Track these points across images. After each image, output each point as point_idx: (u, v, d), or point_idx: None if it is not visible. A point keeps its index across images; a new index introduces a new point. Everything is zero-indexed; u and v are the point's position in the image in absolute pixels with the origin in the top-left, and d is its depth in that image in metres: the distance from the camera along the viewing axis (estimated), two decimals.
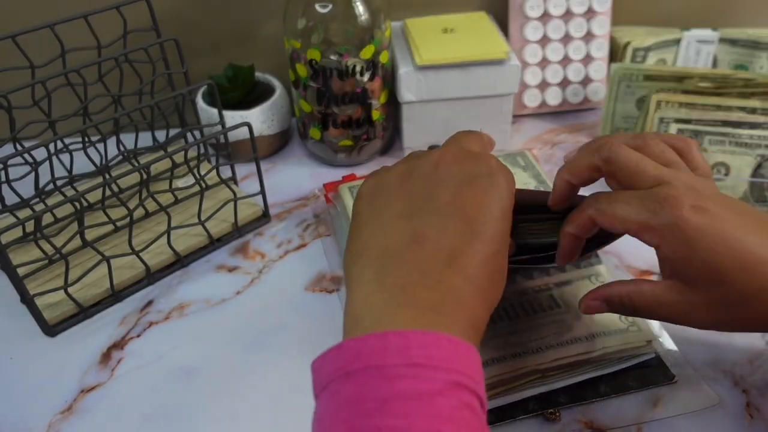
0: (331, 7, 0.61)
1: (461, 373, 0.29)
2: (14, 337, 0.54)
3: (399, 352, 0.29)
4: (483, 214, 0.35)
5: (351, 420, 0.28)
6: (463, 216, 0.35)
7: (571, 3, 0.74)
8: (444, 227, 0.35)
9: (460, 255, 0.34)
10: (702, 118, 0.61)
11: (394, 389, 0.28)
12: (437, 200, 0.36)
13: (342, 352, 0.31)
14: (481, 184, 0.37)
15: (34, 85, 0.57)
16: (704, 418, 0.45)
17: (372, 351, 0.30)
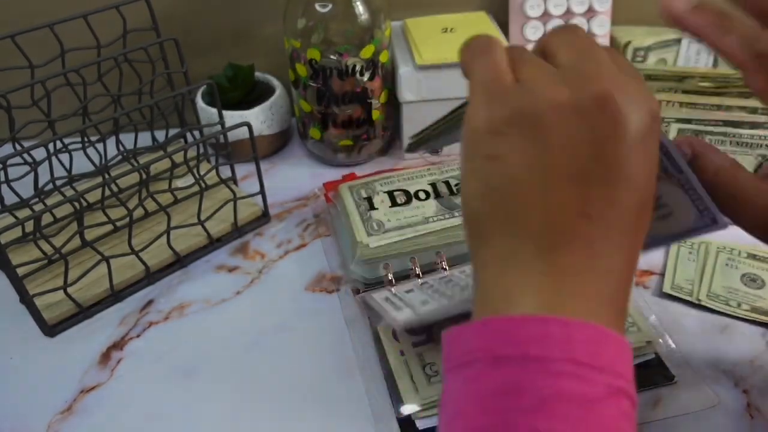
0: (331, 6, 0.61)
1: (623, 378, 0.27)
2: (14, 337, 0.54)
3: (562, 344, 0.26)
4: (651, 187, 0.29)
5: (500, 413, 0.25)
6: (636, 188, 0.28)
7: (571, 3, 0.74)
8: (615, 201, 0.28)
9: (633, 239, 0.29)
10: (703, 117, 0.61)
11: (557, 388, 0.25)
12: (607, 161, 0.28)
13: (492, 332, 0.27)
14: (650, 144, 0.29)
15: (34, 85, 0.57)
16: (705, 419, 0.45)
17: (531, 338, 0.26)
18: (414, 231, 0.56)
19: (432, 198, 0.59)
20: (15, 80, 0.56)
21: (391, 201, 0.58)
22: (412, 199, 0.59)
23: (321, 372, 0.50)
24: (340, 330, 0.53)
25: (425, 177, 0.61)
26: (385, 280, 0.54)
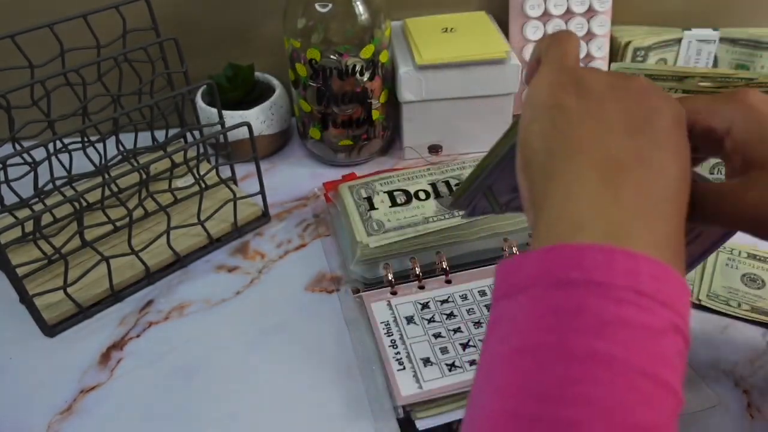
0: (331, 6, 0.61)
1: (683, 318, 0.27)
2: (14, 337, 0.54)
3: (627, 274, 0.26)
4: (687, 171, 0.32)
5: (560, 331, 0.25)
6: (678, 160, 0.31)
7: (571, 2, 0.74)
8: (664, 164, 0.30)
9: (680, 193, 0.30)
10: None
11: (620, 314, 0.25)
12: (654, 128, 0.31)
13: (556, 257, 0.27)
14: (682, 134, 0.32)
15: (34, 85, 0.57)
16: (705, 419, 0.45)
17: (596, 264, 0.26)
18: (414, 231, 0.56)
19: (432, 198, 0.59)
20: (15, 80, 0.56)
21: (391, 201, 0.58)
22: (412, 199, 0.59)
23: (321, 372, 0.50)
24: (340, 330, 0.53)
25: (425, 177, 0.61)
26: (385, 280, 0.54)
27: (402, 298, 0.53)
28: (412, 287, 0.54)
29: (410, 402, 0.45)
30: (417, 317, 0.51)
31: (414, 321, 0.51)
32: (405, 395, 0.45)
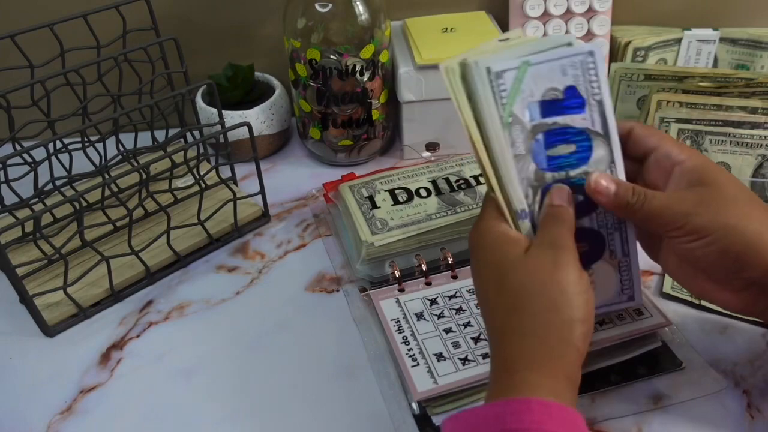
0: (331, 6, 0.61)
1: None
2: (14, 337, 0.54)
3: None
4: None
5: None
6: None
7: (571, 2, 0.73)
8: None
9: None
10: (703, 117, 0.61)
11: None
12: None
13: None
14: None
15: (33, 85, 0.57)
16: (705, 419, 0.45)
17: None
18: (417, 228, 0.56)
19: (433, 195, 0.59)
20: (15, 80, 0.56)
21: (393, 199, 0.59)
22: (413, 197, 0.59)
23: (321, 372, 0.50)
24: (341, 329, 0.53)
25: (425, 174, 0.61)
26: (391, 277, 0.54)
27: (410, 295, 0.53)
28: (419, 284, 0.54)
29: (427, 397, 0.45)
30: (426, 313, 0.51)
31: (424, 317, 0.51)
32: (421, 391, 0.45)
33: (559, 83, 0.40)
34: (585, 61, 0.41)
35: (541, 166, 0.41)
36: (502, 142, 0.40)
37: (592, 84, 0.41)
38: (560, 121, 0.41)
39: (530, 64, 0.40)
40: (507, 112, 0.40)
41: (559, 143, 0.41)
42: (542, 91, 0.40)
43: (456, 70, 0.39)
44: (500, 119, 0.40)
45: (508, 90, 0.40)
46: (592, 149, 0.41)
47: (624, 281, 0.44)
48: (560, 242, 0.38)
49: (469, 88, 0.40)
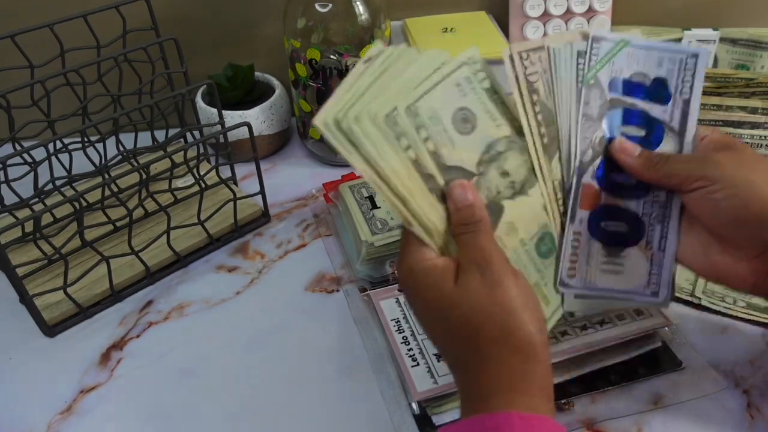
0: (331, 6, 0.61)
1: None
2: (14, 337, 0.54)
3: None
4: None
5: None
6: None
7: (571, 2, 0.74)
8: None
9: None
10: (702, 117, 0.61)
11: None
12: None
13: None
14: None
15: (34, 85, 0.57)
16: (705, 419, 0.45)
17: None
18: None
19: None
20: (15, 80, 0.56)
21: None
22: None
23: (322, 371, 0.50)
24: (341, 329, 0.53)
25: None
26: (391, 277, 0.54)
27: None
28: None
29: (426, 397, 0.45)
30: None
31: None
32: (421, 391, 0.46)
33: (650, 71, 0.42)
34: (685, 60, 0.42)
35: (610, 136, 0.42)
36: (572, 99, 0.41)
37: (685, 83, 0.42)
38: (639, 105, 0.42)
39: (628, 43, 0.41)
40: (591, 74, 0.41)
41: (635, 124, 0.42)
42: (631, 72, 0.42)
43: (331, 124, 0.38)
44: (578, 78, 0.41)
45: (599, 57, 0.41)
46: (661, 141, 0.42)
47: (653, 275, 0.43)
48: (482, 257, 0.36)
49: (357, 139, 0.38)
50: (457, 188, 0.38)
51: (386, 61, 0.39)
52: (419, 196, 0.37)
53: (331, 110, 0.37)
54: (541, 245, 0.41)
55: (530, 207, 0.41)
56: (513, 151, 0.40)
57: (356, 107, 0.37)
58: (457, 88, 0.40)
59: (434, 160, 0.38)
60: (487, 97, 0.40)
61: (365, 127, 0.37)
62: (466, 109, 0.40)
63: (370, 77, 0.38)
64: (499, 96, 0.41)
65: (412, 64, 0.39)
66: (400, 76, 0.39)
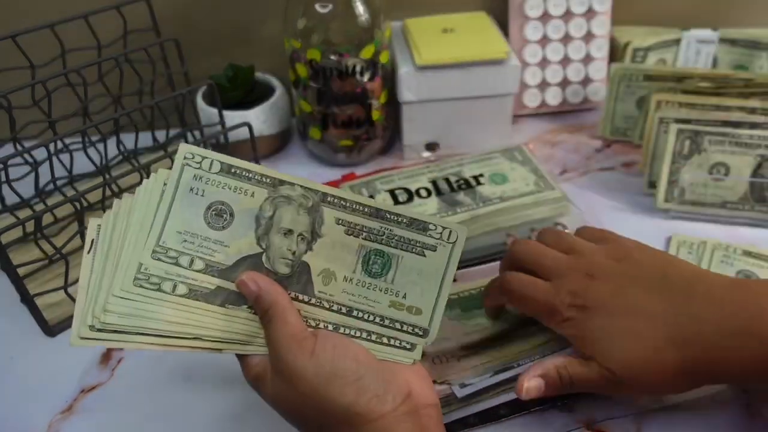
0: (331, 7, 0.61)
1: None
2: (14, 337, 0.54)
3: None
4: None
5: None
6: None
7: (571, 3, 0.74)
8: None
9: None
10: (702, 118, 0.61)
11: None
12: None
13: None
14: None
15: (34, 85, 0.57)
16: (705, 419, 0.45)
17: None
18: None
19: (434, 195, 0.59)
20: (16, 80, 0.56)
21: (393, 199, 0.59)
22: (413, 197, 0.59)
23: None
24: None
25: (425, 174, 0.61)
26: None
27: None
28: None
29: None
30: None
31: None
32: None
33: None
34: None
35: None
36: None
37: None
38: None
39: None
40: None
41: None
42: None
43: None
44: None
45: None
46: None
47: None
48: (274, 354, 0.37)
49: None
50: (241, 286, 0.37)
51: (106, 234, 0.38)
52: (211, 320, 0.37)
53: (79, 323, 0.36)
54: (370, 267, 0.39)
55: (333, 244, 0.39)
56: (281, 208, 0.38)
57: (100, 299, 0.36)
58: (192, 192, 0.38)
59: (212, 274, 0.37)
60: (223, 178, 0.38)
61: (117, 308, 0.36)
62: (213, 205, 0.38)
63: (99, 263, 0.37)
64: (236, 167, 0.38)
65: (132, 214, 0.38)
66: (127, 236, 0.37)
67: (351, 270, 0.39)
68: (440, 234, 0.40)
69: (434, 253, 0.39)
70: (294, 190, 0.38)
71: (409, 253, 0.39)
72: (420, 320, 0.39)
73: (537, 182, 0.60)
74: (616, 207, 0.64)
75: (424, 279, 0.39)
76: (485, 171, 0.61)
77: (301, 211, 0.39)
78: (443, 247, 0.40)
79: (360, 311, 0.39)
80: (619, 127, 0.72)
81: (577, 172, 0.69)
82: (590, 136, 0.75)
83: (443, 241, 0.40)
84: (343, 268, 0.39)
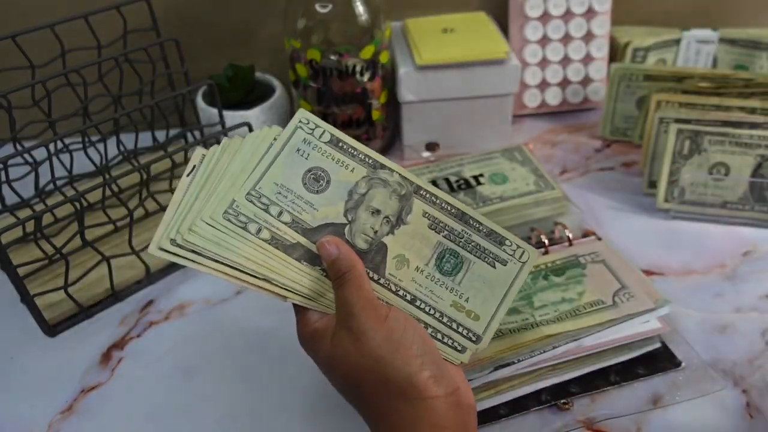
0: (331, 7, 0.61)
1: None
2: (15, 337, 0.54)
3: None
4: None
5: None
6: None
7: (571, 3, 0.74)
8: None
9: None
10: (702, 118, 0.61)
11: None
12: None
13: None
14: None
15: (34, 85, 0.57)
16: (704, 419, 0.45)
17: None
18: None
19: None
20: (16, 80, 0.56)
21: None
22: None
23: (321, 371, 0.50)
24: None
25: (425, 174, 0.61)
26: None
27: None
28: None
29: None
30: None
31: None
32: None
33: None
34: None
35: None
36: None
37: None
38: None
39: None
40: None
41: None
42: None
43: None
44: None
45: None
46: None
47: None
48: (346, 311, 0.37)
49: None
50: (322, 248, 0.38)
51: (208, 165, 0.40)
52: (284, 269, 0.38)
53: (163, 233, 0.38)
54: (443, 264, 0.40)
55: (415, 233, 0.40)
56: (375, 188, 0.40)
57: (188, 219, 0.38)
58: (298, 153, 0.40)
59: (295, 230, 0.39)
60: (330, 148, 0.40)
61: (202, 232, 0.37)
62: (314, 169, 0.40)
63: (195, 188, 0.39)
64: (343, 142, 0.40)
65: (237, 154, 0.40)
66: (227, 173, 0.39)
67: (424, 262, 0.40)
68: (514, 251, 0.41)
69: (504, 268, 0.41)
70: (392, 176, 0.40)
71: (482, 261, 0.41)
72: (476, 326, 0.40)
73: (537, 182, 0.60)
74: (616, 207, 0.64)
75: (489, 288, 0.40)
76: (485, 171, 0.61)
77: (393, 196, 0.40)
78: (513, 264, 0.41)
79: (423, 302, 0.40)
80: (619, 127, 0.72)
81: (577, 172, 0.69)
82: (590, 136, 0.75)
83: (515, 258, 0.41)
84: (418, 259, 0.40)
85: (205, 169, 0.40)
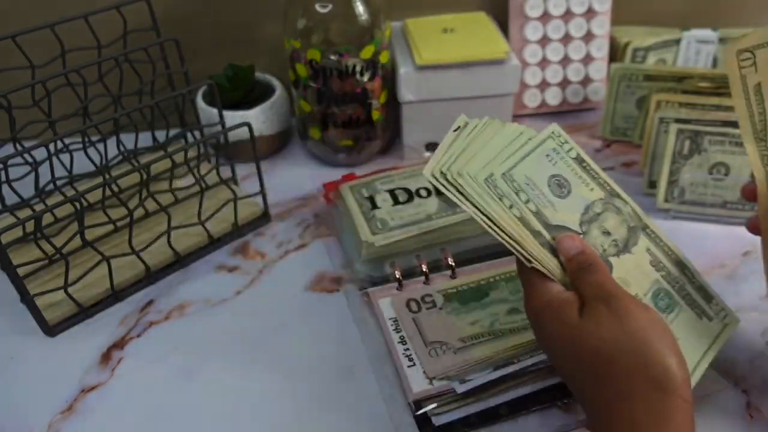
0: (331, 7, 0.61)
1: None
2: (14, 337, 0.54)
3: None
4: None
5: None
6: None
7: (571, 3, 0.74)
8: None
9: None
10: (702, 118, 0.61)
11: None
12: None
13: None
14: None
15: (34, 85, 0.57)
16: (704, 419, 0.45)
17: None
18: (418, 228, 0.56)
19: (434, 195, 0.59)
20: (16, 80, 0.56)
21: (393, 199, 0.59)
22: (413, 197, 0.59)
23: (323, 371, 0.50)
24: (342, 329, 0.53)
25: None
26: (392, 277, 0.54)
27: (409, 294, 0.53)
28: (419, 284, 0.54)
29: (422, 397, 0.45)
30: None
31: None
32: (416, 391, 0.46)
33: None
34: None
35: None
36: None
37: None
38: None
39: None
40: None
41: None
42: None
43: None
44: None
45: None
46: None
47: None
48: (604, 291, 0.36)
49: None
50: (566, 240, 0.39)
51: (473, 131, 0.42)
52: (532, 243, 0.39)
53: (436, 164, 0.40)
54: (658, 300, 0.42)
55: (637, 264, 0.42)
56: (609, 212, 0.43)
57: (455, 165, 0.40)
58: (547, 158, 0.43)
59: (539, 219, 0.40)
60: (575, 164, 0.43)
61: (467, 183, 0.39)
62: (558, 176, 0.42)
63: (462, 143, 0.41)
64: (587, 163, 0.44)
65: (496, 135, 0.42)
66: (487, 145, 0.41)
67: (642, 292, 0.42)
68: (718, 312, 0.44)
69: (709, 323, 0.43)
70: (625, 206, 0.44)
71: (691, 310, 0.43)
72: None
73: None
74: None
75: (696, 337, 0.42)
76: None
77: (623, 224, 0.43)
78: (716, 323, 0.44)
79: None
80: (619, 127, 0.72)
81: None
82: (590, 136, 0.75)
83: (718, 318, 0.44)
84: (636, 287, 0.42)
85: (468, 134, 0.42)
